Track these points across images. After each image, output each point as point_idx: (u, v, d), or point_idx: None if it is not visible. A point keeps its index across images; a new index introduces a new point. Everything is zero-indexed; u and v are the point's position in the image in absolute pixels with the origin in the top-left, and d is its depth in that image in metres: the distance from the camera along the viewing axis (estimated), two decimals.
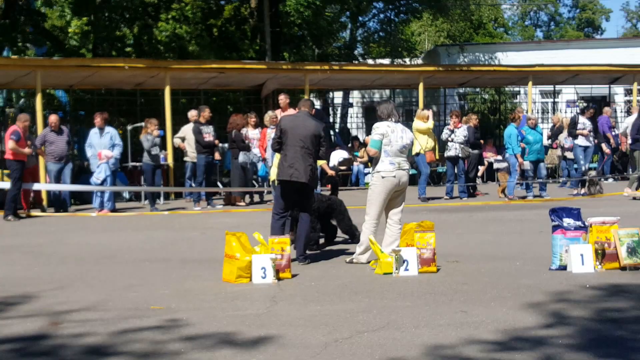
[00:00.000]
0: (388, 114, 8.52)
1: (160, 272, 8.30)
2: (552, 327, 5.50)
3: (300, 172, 8.57)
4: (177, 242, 10.81)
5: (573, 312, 5.95)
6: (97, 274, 8.24)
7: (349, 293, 6.92)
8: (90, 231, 12.44)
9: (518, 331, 5.38)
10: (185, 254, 9.63)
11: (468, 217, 13.07)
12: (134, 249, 10.25)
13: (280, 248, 7.82)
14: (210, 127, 16.14)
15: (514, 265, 8.17)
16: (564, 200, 15.08)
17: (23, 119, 14.92)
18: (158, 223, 13.49)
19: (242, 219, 13.53)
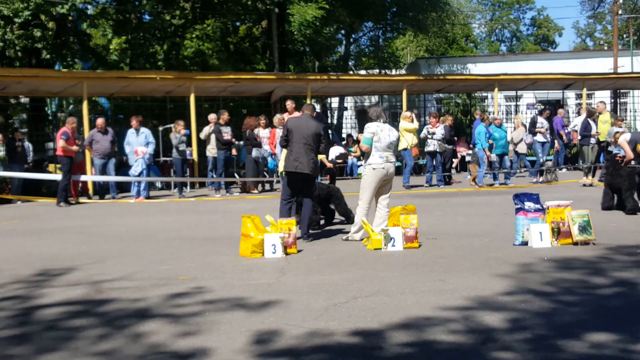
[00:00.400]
0: (377, 116, 8.51)
1: (187, 248, 8.29)
2: (516, 293, 5.48)
3: (304, 164, 8.55)
4: (201, 224, 10.80)
5: (534, 280, 5.93)
6: (134, 250, 8.23)
7: (346, 265, 6.90)
8: (129, 215, 12.43)
9: (488, 296, 5.35)
10: (208, 234, 9.61)
11: (444, 201, 13.04)
12: (165, 229, 10.24)
13: (288, 228, 7.80)
14: (228, 127, 16.16)
15: (483, 241, 8.15)
16: (525, 187, 15.04)
17: (71, 121, 14.97)
18: (185, 208, 13.48)
19: (256, 204, 13.51)
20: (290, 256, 7.53)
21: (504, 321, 4.66)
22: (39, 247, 8.66)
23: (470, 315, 4.83)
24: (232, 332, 4.57)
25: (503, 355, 4.00)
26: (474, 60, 33.20)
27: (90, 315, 5.14)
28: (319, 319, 4.82)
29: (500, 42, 60.24)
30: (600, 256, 6.97)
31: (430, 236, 8.51)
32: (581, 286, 5.66)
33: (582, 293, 5.42)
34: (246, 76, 20.28)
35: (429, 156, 16.78)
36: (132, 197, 15.26)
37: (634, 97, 27.69)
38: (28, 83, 17.75)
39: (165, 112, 21.56)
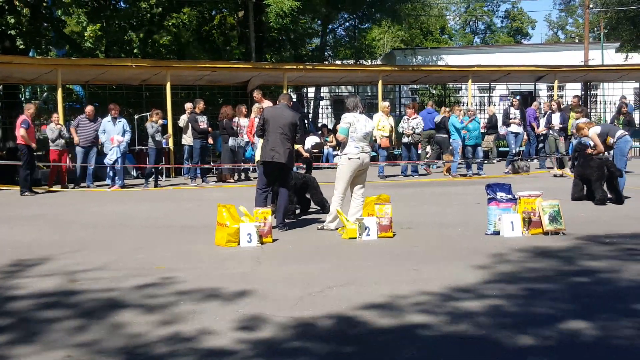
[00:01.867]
0: (354, 106, 8.48)
1: (163, 237, 8.21)
2: (489, 282, 5.51)
3: (280, 154, 8.50)
4: (176, 212, 10.71)
5: (506, 269, 5.98)
6: (109, 239, 8.13)
7: (321, 255, 6.89)
8: (104, 203, 12.28)
9: (461, 285, 5.38)
10: (184, 222, 9.54)
11: (419, 191, 13.09)
12: (141, 218, 10.14)
13: (263, 217, 7.76)
14: (204, 116, 16.05)
15: (456, 231, 8.19)
16: (498, 178, 15.16)
17: (29, 107, 14.40)
18: (161, 196, 13.35)
19: (231, 193, 13.44)
20: (265, 245, 7.50)
21: (479, 307, 4.69)
22: (11, 236, 8.52)
23: (445, 303, 4.84)
24: (206, 321, 4.53)
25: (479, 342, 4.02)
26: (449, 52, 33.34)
27: (65, 306, 5.06)
28: (294, 308, 4.80)
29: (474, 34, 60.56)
30: (571, 246, 7.04)
31: (405, 226, 8.54)
32: (553, 275, 5.72)
33: (555, 281, 5.48)
34: (223, 65, 20.19)
35: (404, 147, 16.82)
36: (107, 186, 15.09)
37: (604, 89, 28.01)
38: (1, 69, 17.42)
39: (141, 101, 21.33)
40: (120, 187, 14.91)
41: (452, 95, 29.34)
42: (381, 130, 15.54)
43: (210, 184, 15.62)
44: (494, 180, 11.00)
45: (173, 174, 17.97)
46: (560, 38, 60.80)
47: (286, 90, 19.86)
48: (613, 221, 8.66)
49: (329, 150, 19.52)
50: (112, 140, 14.99)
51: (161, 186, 15.29)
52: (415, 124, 16.53)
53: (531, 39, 62.01)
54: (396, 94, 27.81)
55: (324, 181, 11.66)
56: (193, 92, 22.80)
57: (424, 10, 35.61)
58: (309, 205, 10.39)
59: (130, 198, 13.19)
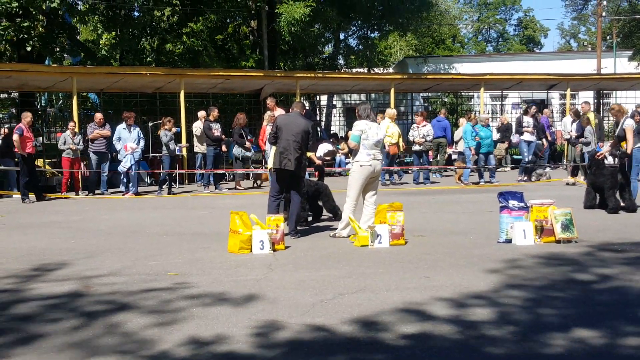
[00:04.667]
0: (366, 114, 8.51)
1: (176, 244, 8.26)
2: (500, 289, 5.51)
3: (291, 161, 8.54)
4: (189, 220, 10.76)
5: (518, 277, 5.96)
6: (123, 246, 8.19)
7: (333, 262, 6.90)
8: (118, 210, 12.36)
9: (473, 292, 5.38)
10: (197, 229, 9.59)
11: (431, 199, 13.08)
12: (154, 225, 10.20)
13: (276, 224, 7.80)
14: (218, 124, 16.12)
15: (468, 238, 8.19)
16: (510, 185, 15.11)
17: (25, 116, 14.33)
18: (174, 204, 13.42)
19: (244, 200, 13.49)
20: (278, 252, 7.53)
21: (490, 315, 4.69)
22: (26, 242, 8.60)
23: (456, 311, 4.84)
24: (221, 327, 4.56)
25: (490, 350, 4.02)
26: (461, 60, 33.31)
27: (79, 311, 5.11)
28: (306, 315, 4.82)
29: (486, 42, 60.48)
30: (583, 253, 7.02)
31: (417, 233, 8.54)
32: (565, 282, 5.70)
33: (566, 289, 5.46)
34: (236, 73, 20.27)
35: (415, 155, 16.84)
36: (121, 193, 15.19)
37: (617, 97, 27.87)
38: (17, 77, 17.60)
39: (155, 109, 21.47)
40: (134, 194, 15.00)
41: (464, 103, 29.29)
42: (390, 137, 15.55)
43: (224, 192, 15.68)
44: (506, 188, 10.97)
45: (186, 181, 18.06)
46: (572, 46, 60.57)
47: (299, 98, 19.93)
48: (625, 229, 8.62)
49: (341, 157, 19.54)
50: (125, 148, 15.10)
51: (174, 193, 15.37)
52: (425, 132, 16.57)
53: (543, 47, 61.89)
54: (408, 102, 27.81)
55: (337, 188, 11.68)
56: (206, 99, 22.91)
57: (437, 19, 35.62)
58: (321, 213, 10.40)
59: (143, 205, 13.27)
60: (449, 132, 18.95)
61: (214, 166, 15.91)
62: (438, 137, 18.29)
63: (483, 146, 15.94)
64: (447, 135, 18.82)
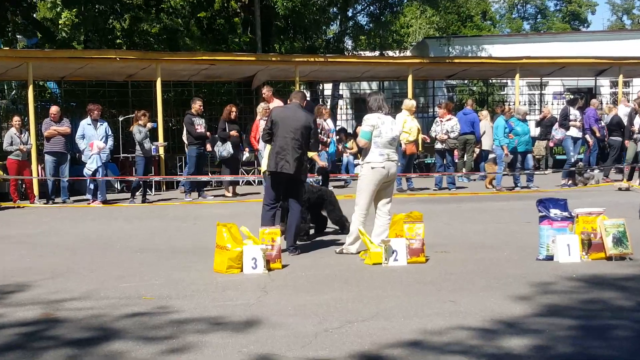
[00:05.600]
0: (378, 106, 8.53)
1: (152, 262, 8.28)
2: (540, 316, 5.51)
3: (289, 163, 8.55)
4: (168, 233, 10.78)
5: (560, 302, 5.97)
6: (89, 264, 8.21)
7: (339, 283, 6.92)
8: (83, 222, 12.39)
9: (506, 321, 5.38)
10: (176, 245, 9.61)
11: (456, 207, 13.09)
12: (125, 239, 10.22)
13: (271, 239, 7.82)
14: (202, 119, 16.09)
15: (501, 255, 8.19)
16: (552, 191, 15.11)
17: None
18: (149, 213, 13.45)
19: (233, 209, 13.51)
20: (273, 272, 7.54)
21: (526, 349, 4.70)
22: None
23: (487, 343, 4.85)
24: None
25: None
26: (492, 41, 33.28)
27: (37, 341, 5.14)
28: (307, 347, 4.83)
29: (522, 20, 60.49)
30: (638, 274, 7.02)
31: (439, 249, 8.55)
32: (618, 309, 5.70)
33: (618, 317, 5.46)
34: (223, 57, 20.29)
35: (437, 154, 16.87)
36: (86, 202, 15.23)
37: None
38: None
39: (127, 100, 21.53)
40: (101, 203, 15.04)
41: (495, 92, 29.31)
42: (407, 133, 15.52)
43: (209, 199, 15.71)
44: (546, 195, 10.98)
45: (164, 187, 18.09)
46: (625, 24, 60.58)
47: (298, 87, 19.97)
48: None
49: (349, 158, 19.58)
50: (91, 146, 15.12)
51: (150, 202, 15.41)
52: (449, 127, 16.54)
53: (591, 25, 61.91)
54: (429, 92, 27.83)
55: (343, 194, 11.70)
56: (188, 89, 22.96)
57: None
58: (325, 225, 10.42)
59: (113, 216, 13.30)
60: (477, 127, 18.95)
61: (197, 169, 15.90)
62: (465, 133, 18.28)
63: (520, 144, 15.93)
64: (476, 131, 18.83)
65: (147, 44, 25.05)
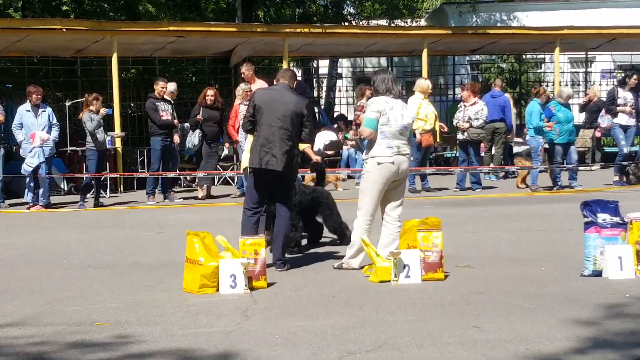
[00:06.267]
0: (386, 88, 8.50)
1: (107, 280, 8.25)
2: (587, 347, 5.49)
3: (277, 158, 8.52)
4: (126, 244, 10.76)
5: (613, 327, 5.95)
6: (29, 284, 8.17)
7: (338, 305, 6.90)
8: (22, 231, 12.36)
9: (544, 352, 5.37)
10: (137, 258, 9.59)
11: (482, 211, 13.10)
12: (74, 252, 10.18)
13: (254, 251, 7.79)
14: (169, 104, 16.02)
15: (538, 270, 8.19)
16: (599, 191, 15.12)
17: None
18: (103, 220, 13.42)
19: (207, 214, 13.50)
20: (257, 292, 7.53)
21: None
22: None
23: None
24: None
25: None
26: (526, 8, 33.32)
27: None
28: None
29: None
30: None
31: (462, 263, 8.55)
32: None
33: None
34: (194, 28, 20.25)
35: (460, 147, 16.84)
36: (26, 205, 15.20)
37: None
38: None
39: (75, 80, 21.49)
40: (44, 207, 15.00)
41: (530, 70, 29.34)
42: (423, 120, 15.50)
43: (176, 202, 15.68)
44: (593, 196, 10.98)
45: (122, 187, 18.06)
46: None
47: (287, 65, 19.95)
48: None
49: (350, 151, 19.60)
50: (32, 137, 15.08)
51: (104, 205, 15.38)
52: (473, 113, 16.49)
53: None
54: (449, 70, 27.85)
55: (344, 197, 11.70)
56: (151, 67, 22.92)
57: None
58: (320, 233, 10.42)
59: (59, 223, 13.28)
60: (509, 113, 18.95)
61: (163, 165, 15.86)
62: (494, 121, 18.28)
63: (561, 134, 15.90)
64: (507, 118, 18.83)
65: (100, 11, 25.02)
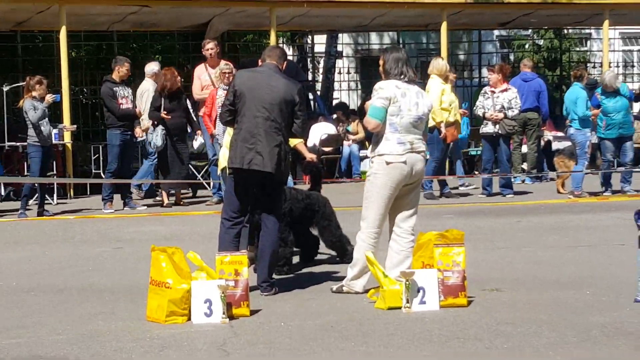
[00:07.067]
0: (399, 70, 8.48)
1: (53, 307, 8.26)
2: None
3: (262, 156, 8.51)
4: (78, 262, 10.76)
5: None
6: None
7: (337, 338, 6.90)
8: None
9: None
10: (91, 280, 9.59)
11: (514, 223, 13.10)
12: (13, 273, 10.19)
13: (234, 271, 7.78)
14: (129, 89, 16.02)
15: (582, 294, 8.20)
16: None
17: None
18: (50, 233, 13.41)
19: (177, 225, 13.49)
20: (238, 321, 7.52)
21: None
22: None
23: None
24: None
25: None
26: None
27: None
28: None
29: None
30: None
31: (489, 286, 8.56)
32: None
33: None
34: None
35: (486, 142, 16.77)
36: None
37: None
38: None
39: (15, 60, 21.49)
40: None
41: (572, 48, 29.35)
42: (447, 110, 15.49)
43: (139, 210, 15.67)
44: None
45: (71, 191, 18.04)
46: None
47: (275, 41, 19.95)
48: None
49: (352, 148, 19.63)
50: None
51: (50, 214, 15.36)
52: (507, 102, 16.44)
53: None
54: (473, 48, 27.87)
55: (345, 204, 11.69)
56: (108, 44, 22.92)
57: None
58: (316, 249, 10.42)
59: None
60: (545, 100, 18.88)
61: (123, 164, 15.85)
62: (526, 110, 18.23)
63: (611, 126, 15.89)
64: (543, 106, 18.78)
65: None
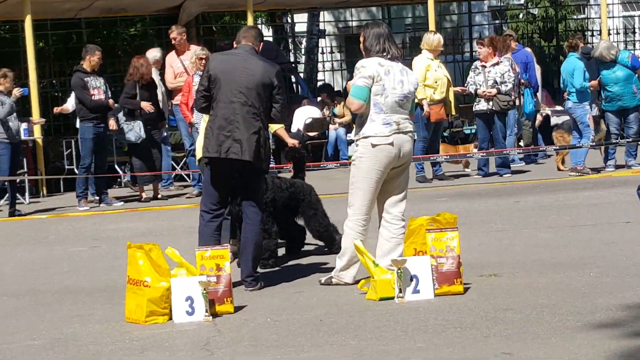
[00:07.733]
0: (381, 48, 8.48)
1: (27, 310, 8.27)
2: None
3: (240, 144, 8.51)
4: (52, 264, 10.76)
5: None
6: None
7: (326, 332, 6.90)
8: None
9: None
10: (66, 282, 9.58)
11: (512, 203, 13.12)
12: None
13: (215, 266, 7.78)
14: (101, 79, 16.01)
15: (585, 276, 8.21)
16: None
17: None
18: (22, 234, 13.42)
19: (155, 221, 13.49)
20: (221, 319, 7.53)
21: None
22: None
23: None
24: None
25: None
26: None
27: None
28: None
29: None
30: None
31: (486, 271, 8.57)
32: None
33: None
34: None
35: (480, 120, 16.78)
36: None
37: None
38: None
39: None
40: None
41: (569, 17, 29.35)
42: (432, 87, 15.48)
43: (115, 207, 15.66)
44: None
45: (44, 189, 18.02)
46: None
47: (253, 22, 19.94)
48: None
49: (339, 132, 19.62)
50: None
51: (22, 214, 15.36)
52: (499, 76, 16.43)
53: None
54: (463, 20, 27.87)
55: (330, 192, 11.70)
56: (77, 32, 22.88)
57: None
58: (302, 239, 10.43)
59: None
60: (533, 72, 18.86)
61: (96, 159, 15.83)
62: None
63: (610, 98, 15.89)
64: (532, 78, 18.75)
65: None
